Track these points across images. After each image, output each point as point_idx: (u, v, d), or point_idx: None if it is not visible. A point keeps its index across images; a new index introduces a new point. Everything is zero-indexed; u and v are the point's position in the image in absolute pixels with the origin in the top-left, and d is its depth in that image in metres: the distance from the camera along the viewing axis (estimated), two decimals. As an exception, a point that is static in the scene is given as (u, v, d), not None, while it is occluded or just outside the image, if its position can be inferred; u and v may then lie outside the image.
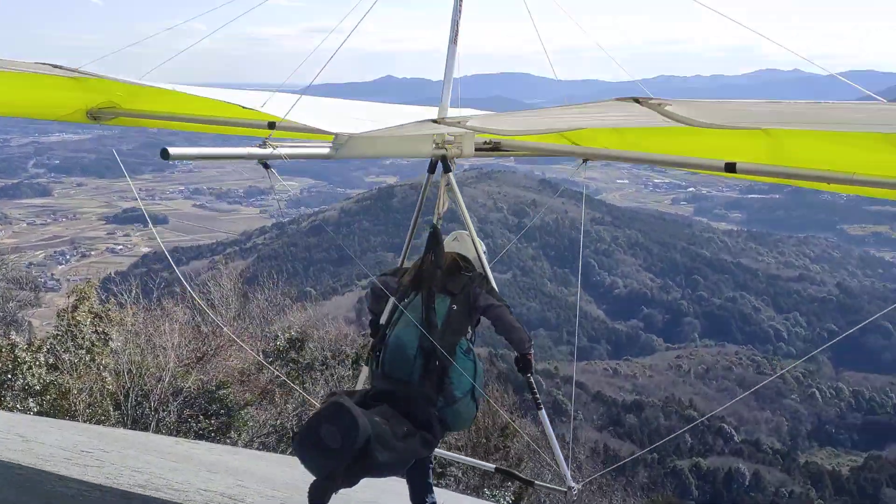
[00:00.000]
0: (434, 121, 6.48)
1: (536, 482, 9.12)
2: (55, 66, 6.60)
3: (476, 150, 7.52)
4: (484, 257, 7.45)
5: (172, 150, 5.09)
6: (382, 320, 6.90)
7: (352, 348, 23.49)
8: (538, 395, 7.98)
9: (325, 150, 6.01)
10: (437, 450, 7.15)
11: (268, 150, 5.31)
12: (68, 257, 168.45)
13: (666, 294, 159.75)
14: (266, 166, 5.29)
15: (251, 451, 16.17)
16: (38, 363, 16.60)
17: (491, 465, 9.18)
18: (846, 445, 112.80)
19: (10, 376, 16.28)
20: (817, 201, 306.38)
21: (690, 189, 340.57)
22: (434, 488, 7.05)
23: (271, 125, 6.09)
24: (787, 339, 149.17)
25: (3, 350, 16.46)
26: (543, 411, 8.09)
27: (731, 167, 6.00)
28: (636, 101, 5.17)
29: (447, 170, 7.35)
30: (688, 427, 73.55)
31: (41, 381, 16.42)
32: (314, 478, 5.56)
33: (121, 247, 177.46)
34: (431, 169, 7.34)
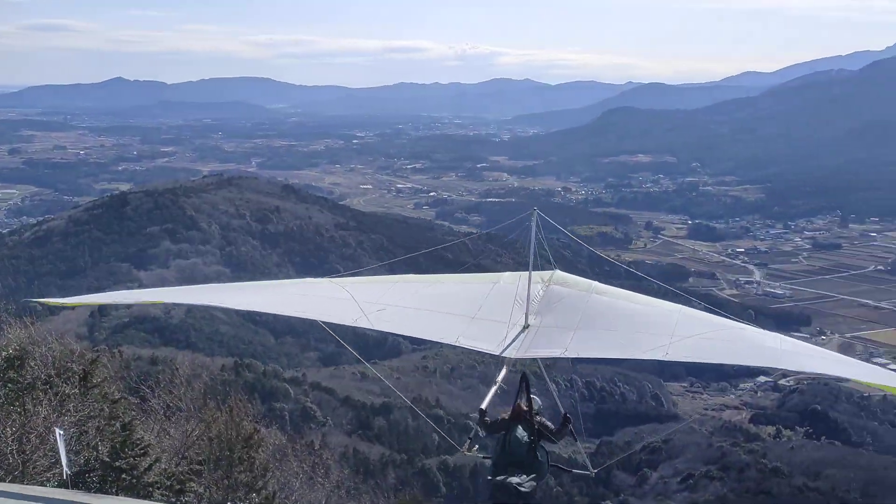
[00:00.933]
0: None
1: (574, 470, 14.82)
2: None
3: None
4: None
5: (484, 405, 10.70)
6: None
7: (79, 365, 21.77)
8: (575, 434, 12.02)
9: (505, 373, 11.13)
10: None
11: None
12: None
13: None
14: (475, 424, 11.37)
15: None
16: None
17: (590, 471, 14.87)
18: (580, 433, 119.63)
19: None
20: (549, 204, 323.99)
21: (432, 194, 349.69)
22: None
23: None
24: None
25: None
26: (579, 442, 14.32)
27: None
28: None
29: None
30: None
31: None
32: None
33: None
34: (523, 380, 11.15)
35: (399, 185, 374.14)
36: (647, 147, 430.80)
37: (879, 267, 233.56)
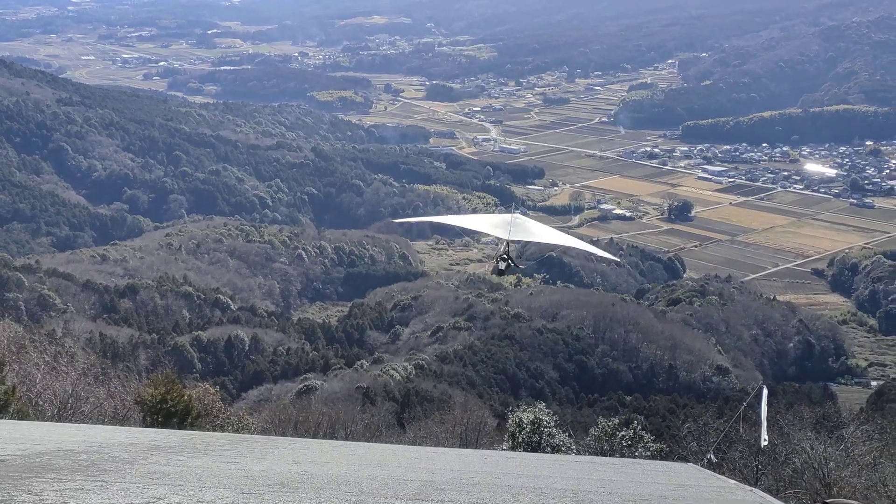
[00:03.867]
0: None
1: (519, 266, 25.33)
2: None
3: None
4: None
5: (500, 254, 22.49)
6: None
7: None
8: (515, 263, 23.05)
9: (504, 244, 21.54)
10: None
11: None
12: None
13: (149, 173, 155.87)
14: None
15: None
16: None
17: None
18: (333, 298, 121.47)
19: None
20: (287, 70, 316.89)
21: (162, 63, 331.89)
22: None
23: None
24: (271, 205, 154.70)
25: None
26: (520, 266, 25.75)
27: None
28: None
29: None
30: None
31: None
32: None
33: None
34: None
35: (125, 56, 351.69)
36: (381, 8, 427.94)
37: (603, 119, 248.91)
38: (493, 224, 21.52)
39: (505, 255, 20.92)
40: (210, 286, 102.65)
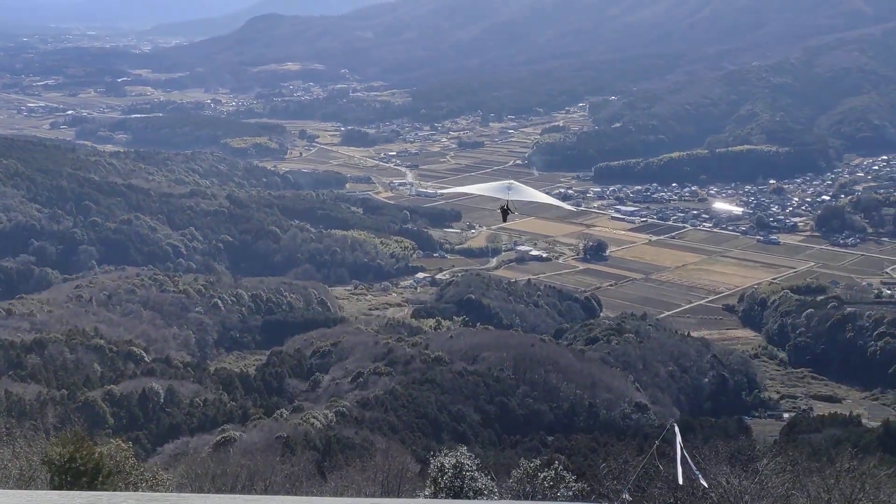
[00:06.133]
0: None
1: (512, 213, 24.66)
2: None
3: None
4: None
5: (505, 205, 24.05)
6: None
7: None
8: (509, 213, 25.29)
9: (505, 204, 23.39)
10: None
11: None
12: None
13: (57, 224, 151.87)
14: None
15: None
16: None
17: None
18: (251, 347, 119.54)
19: None
20: (200, 117, 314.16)
21: (70, 112, 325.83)
22: None
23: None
24: (185, 254, 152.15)
25: None
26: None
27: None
28: None
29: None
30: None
31: None
32: None
33: None
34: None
35: (30, 104, 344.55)
36: (295, 55, 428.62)
37: (517, 161, 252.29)
38: (494, 188, 24.93)
39: (505, 208, 24.28)
40: (123, 338, 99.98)
